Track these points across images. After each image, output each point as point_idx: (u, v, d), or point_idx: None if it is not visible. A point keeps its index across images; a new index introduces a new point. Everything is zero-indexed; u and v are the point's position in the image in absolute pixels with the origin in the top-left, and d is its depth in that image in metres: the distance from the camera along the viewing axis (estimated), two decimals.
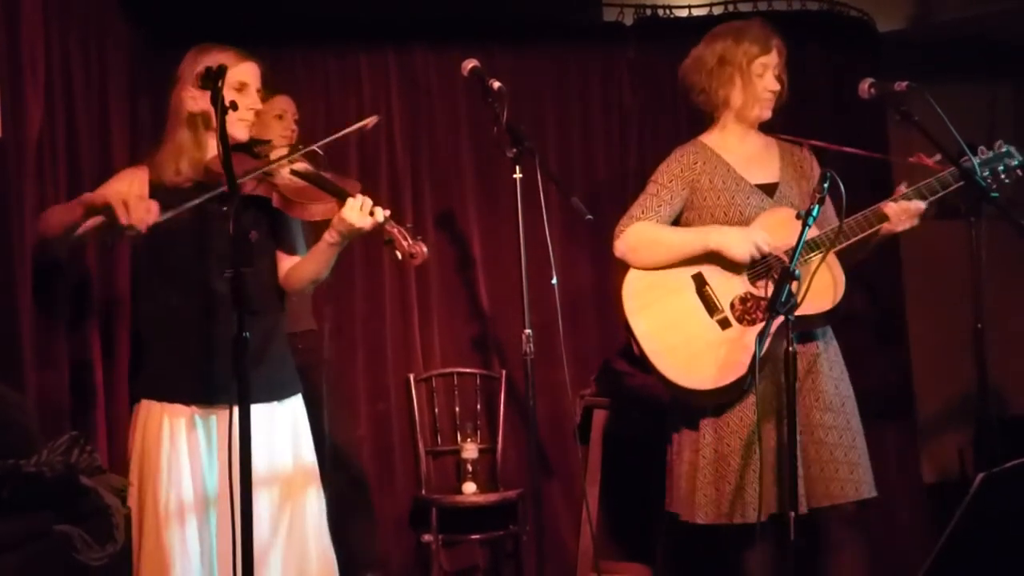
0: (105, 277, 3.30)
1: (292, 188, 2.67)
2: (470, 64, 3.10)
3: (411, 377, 4.38)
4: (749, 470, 2.94)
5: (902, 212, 2.96)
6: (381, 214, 2.62)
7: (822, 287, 2.91)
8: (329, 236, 2.66)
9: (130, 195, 2.50)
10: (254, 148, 2.71)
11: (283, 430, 2.75)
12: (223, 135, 2.42)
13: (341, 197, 2.62)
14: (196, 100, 2.68)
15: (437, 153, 4.49)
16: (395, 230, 2.63)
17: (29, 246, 2.81)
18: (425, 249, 2.62)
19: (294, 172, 2.67)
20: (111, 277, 3.33)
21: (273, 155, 2.72)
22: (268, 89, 3.01)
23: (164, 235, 2.64)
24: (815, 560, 3.04)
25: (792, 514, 2.64)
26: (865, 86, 3.01)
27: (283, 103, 3.87)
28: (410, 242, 2.61)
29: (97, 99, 3.41)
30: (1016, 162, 3.00)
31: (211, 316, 2.65)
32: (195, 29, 4.00)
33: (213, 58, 2.62)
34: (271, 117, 3.81)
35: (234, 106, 2.53)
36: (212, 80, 2.46)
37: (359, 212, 2.59)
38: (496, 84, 2.99)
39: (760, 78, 3.08)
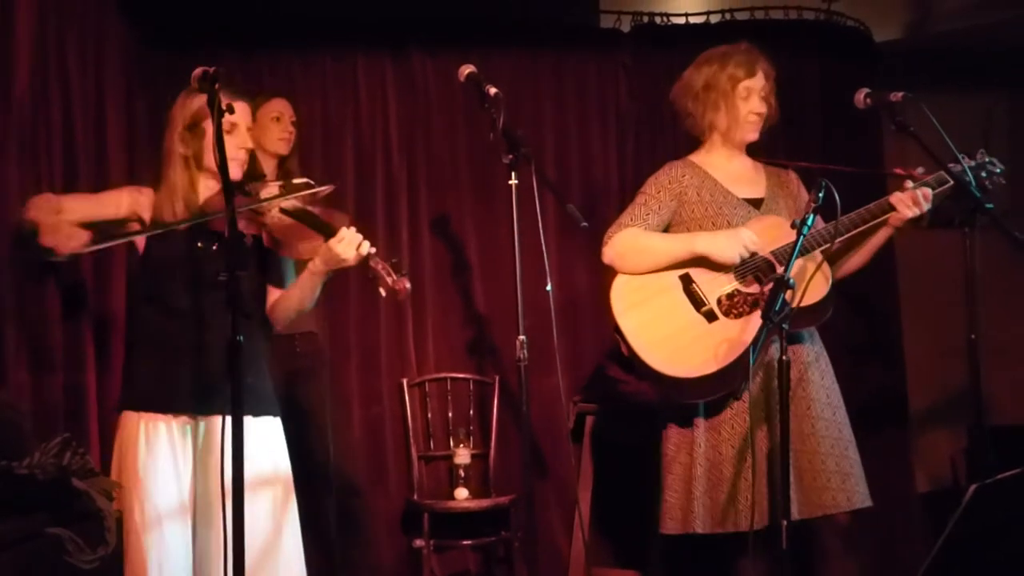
0: (100, 288, 3.30)
1: (280, 227, 2.72)
2: (467, 70, 3.09)
3: (405, 382, 4.37)
4: (742, 478, 2.95)
5: (908, 198, 2.98)
6: (367, 248, 2.69)
7: (811, 283, 2.93)
8: (313, 266, 2.72)
9: (63, 222, 2.55)
10: (245, 187, 2.72)
11: (257, 443, 2.70)
12: (219, 137, 2.41)
13: (329, 233, 2.67)
14: (187, 143, 2.69)
15: (433, 157, 4.48)
16: (379, 267, 2.71)
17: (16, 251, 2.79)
18: (408, 285, 2.73)
19: (283, 210, 2.70)
20: (105, 289, 3.33)
21: (264, 193, 2.73)
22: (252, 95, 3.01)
23: (159, 265, 2.68)
24: (809, 570, 3.04)
25: (784, 522, 2.64)
26: (861, 96, 3.04)
27: (280, 106, 3.86)
28: (394, 278, 2.71)
29: (94, 99, 3.41)
30: (999, 170, 3.06)
31: (194, 330, 2.64)
32: (193, 30, 4.03)
33: (202, 99, 2.58)
34: (268, 120, 3.80)
35: (231, 109, 2.51)
36: (209, 83, 2.46)
37: (346, 245, 2.66)
38: (493, 90, 2.98)
39: (745, 101, 3.12)
